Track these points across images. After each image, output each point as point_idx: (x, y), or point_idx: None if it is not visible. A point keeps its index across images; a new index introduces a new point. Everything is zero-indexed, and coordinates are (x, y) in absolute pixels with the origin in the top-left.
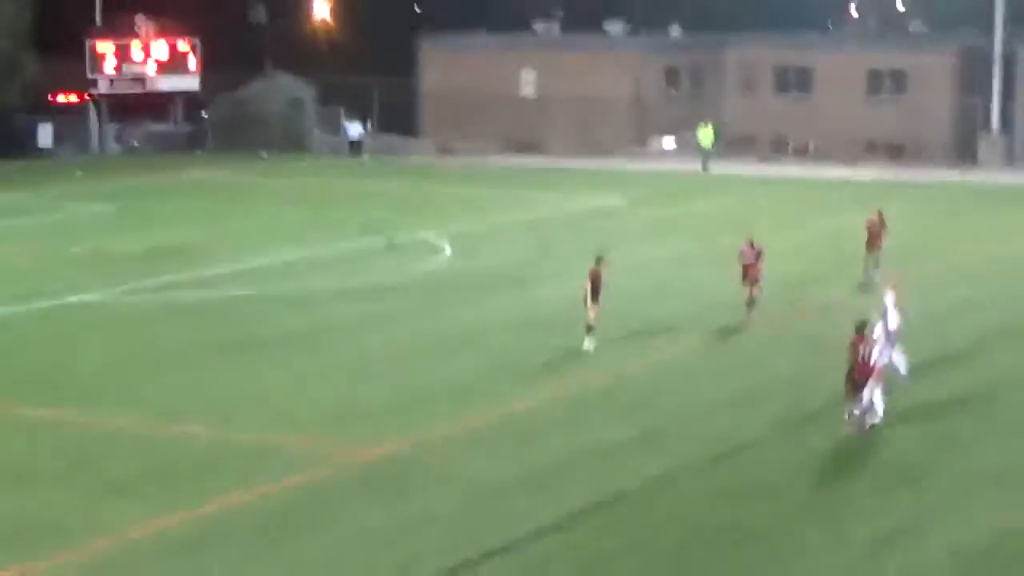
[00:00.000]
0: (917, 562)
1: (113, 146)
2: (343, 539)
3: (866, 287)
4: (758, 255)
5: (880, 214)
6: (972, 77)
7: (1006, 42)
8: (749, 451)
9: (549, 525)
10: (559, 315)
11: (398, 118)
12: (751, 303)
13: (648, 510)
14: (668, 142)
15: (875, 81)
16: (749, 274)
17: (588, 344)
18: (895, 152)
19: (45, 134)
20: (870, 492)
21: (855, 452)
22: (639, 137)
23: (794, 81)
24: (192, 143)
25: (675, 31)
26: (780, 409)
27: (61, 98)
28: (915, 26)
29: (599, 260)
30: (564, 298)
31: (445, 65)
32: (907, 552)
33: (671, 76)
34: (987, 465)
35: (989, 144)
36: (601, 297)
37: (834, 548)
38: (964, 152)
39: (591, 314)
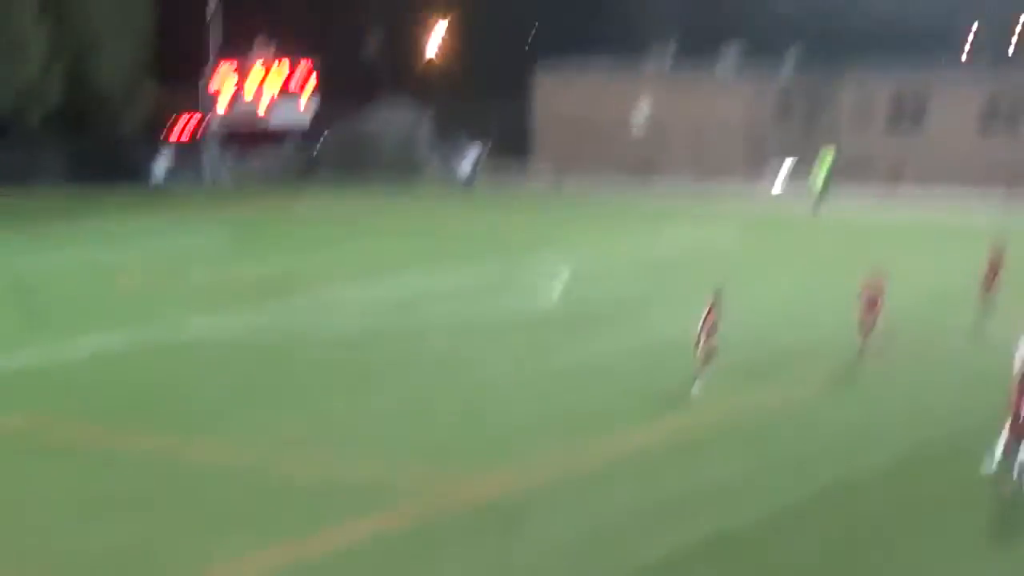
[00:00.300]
0: None
1: (228, 176)
2: (457, 573)
3: (982, 327)
4: (881, 290)
5: (999, 250)
6: None
7: None
8: (865, 494)
9: (661, 564)
10: (674, 348)
11: (513, 144)
12: (873, 339)
13: (760, 554)
14: (782, 172)
15: (992, 112)
16: (871, 310)
17: (698, 384)
18: (1013, 184)
19: (161, 164)
20: (988, 540)
21: (976, 498)
22: (753, 167)
23: (910, 112)
24: (306, 172)
25: (790, 60)
26: (899, 451)
27: (177, 128)
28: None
29: (716, 294)
30: (679, 331)
31: (560, 90)
32: None
33: (785, 105)
34: None
35: None
36: (717, 334)
37: None
38: None
39: (705, 351)
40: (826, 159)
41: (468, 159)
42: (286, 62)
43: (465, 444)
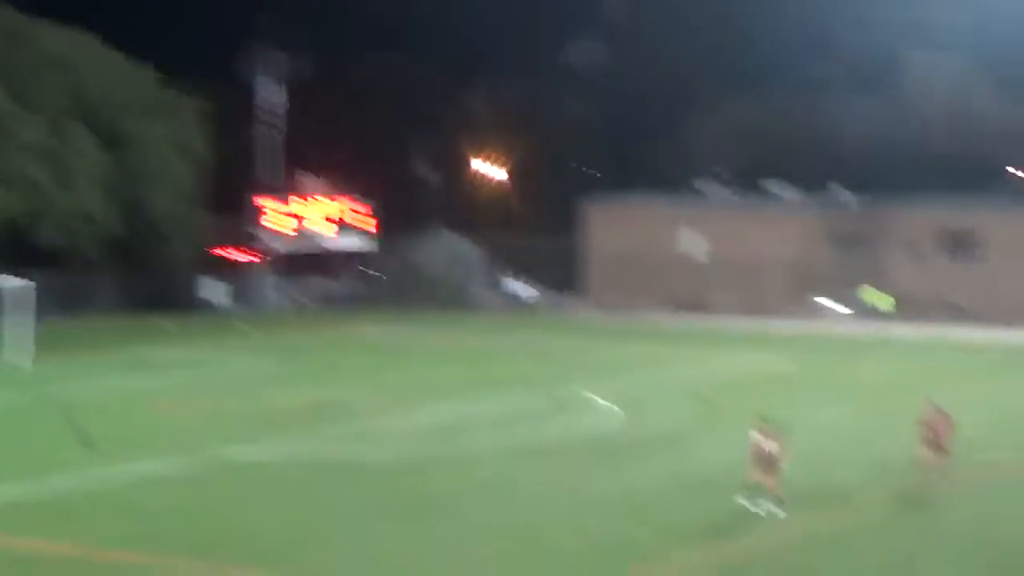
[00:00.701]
0: None
1: (283, 303)
2: None
3: None
4: (946, 422)
5: None
6: None
7: None
8: None
9: None
10: (724, 477)
11: (563, 277)
12: (936, 470)
13: None
14: (835, 305)
15: None
16: (935, 441)
17: (762, 508)
18: None
19: (215, 290)
20: None
21: None
22: (803, 298)
23: (962, 244)
24: (360, 301)
25: (840, 193)
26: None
27: (231, 255)
28: None
29: (763, 420)
30: (728, 460)
31: (609, 225)
32: None
33: (836, 238)
34: None
35: None
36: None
37: None
38: None
39: (771, 480)
40: (871, 292)
41: (520, 287)
42: (344, 198)
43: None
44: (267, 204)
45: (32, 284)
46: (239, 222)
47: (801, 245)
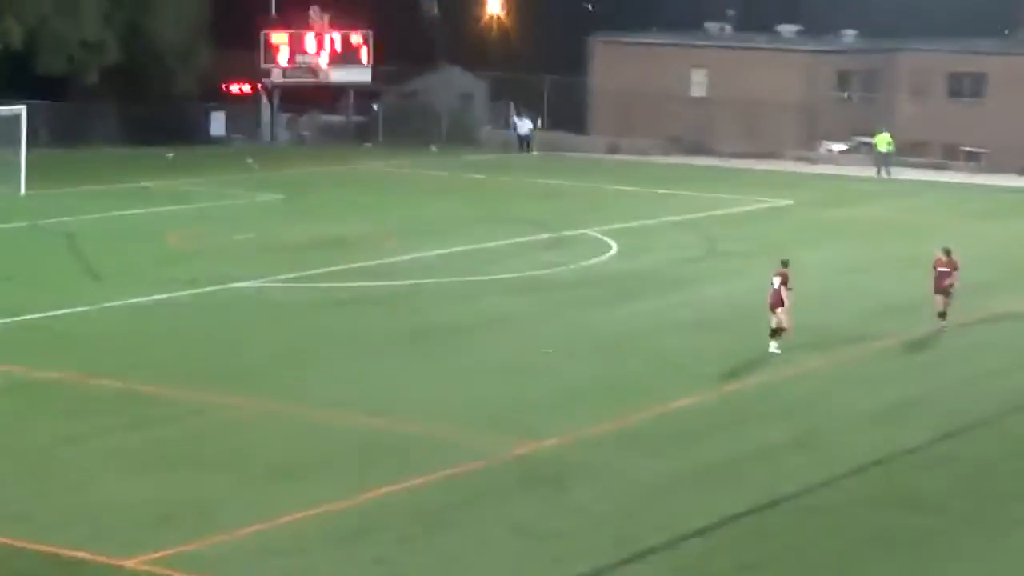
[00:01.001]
0: None
1: (284, 136)
2: (497, 533)
3: None
4: (954, 266)
5: None
6: None
7: None
8: (906, 459)
9: (705, 527)
10: (722, 315)
11: (567, 115)
12: (942, 314)
13: (805, 515)
14: (838, 146)
15: None
16: (942, 284)
17: (775, 347)
18: None
19: (218, 123)
20: None
21: (1017, 465)
22: (808, 140)
23: (967, 87)
24: (361, 135)
25: (847, 35)
26: (939, 419)
27: (235, 88)
28: None
29: (785, 263)
30: (728, 298)
31: (616, 63)
32: None
33: (842, 80)
34: None
35: None
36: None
37: (993, 558)
38: None
39: (784, 318)
40: (882, 136)
41: (524, 124)
42: (345, 22)
43: (511, 406)
44: (270, 35)
45: (21, 108)
46: (244, 54)
47: (806, 86)
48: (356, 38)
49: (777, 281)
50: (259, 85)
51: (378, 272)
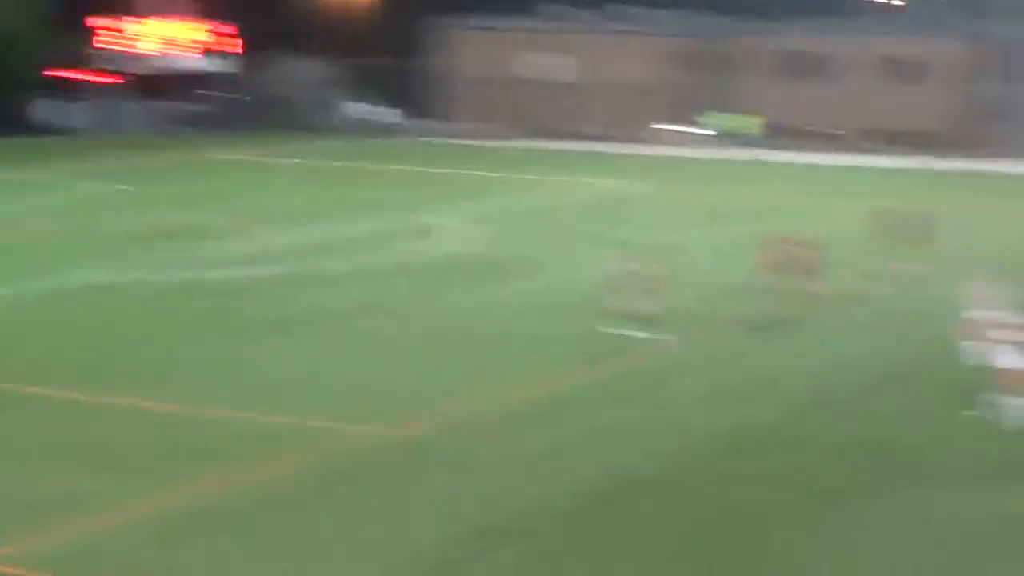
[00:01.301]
0: (932, 546)
1: (141, 125)
2: (358, 519)
3: (915, 280)
4: (811, 247)
5: (927, 207)
6: (986, 65)
7: (1011, 28)
8: (761, 437)
9: (562, 509)
10: (578, 298)
11: (429, 101)
12: (805, 296)
13: (660, 495)
14: (695, 128)
15: (893, 67)
16: (799, 266)
17: (646, 333)
18: (915, 139)
19: (71, 113)
20: (878, 477)
21: (869, 441)
22: (667, 122)
23: (824, 68)
24: (221, 123)
25: (703, 16)
26: (796, 396)
27: (82, 76)
28: (928, 11)
29: (644, 249)
30: (584, 281)
31: (475, 48)
32: (921, 535)
33: (699, 62)
34: (990, 455)
35: (996, 131)
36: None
37: (839, 531)
38: (971, 139)
39: (650, 302)
40: (742, 118)
41: (384, 111)
42: (206, 18)
43: (369, 392)
44: (125, 23)
45: None
46: (80, 42)
47: (667, 69)
48: (217, 27)
49: (638, 265)
50: (116, 75)
51: (239, 261)
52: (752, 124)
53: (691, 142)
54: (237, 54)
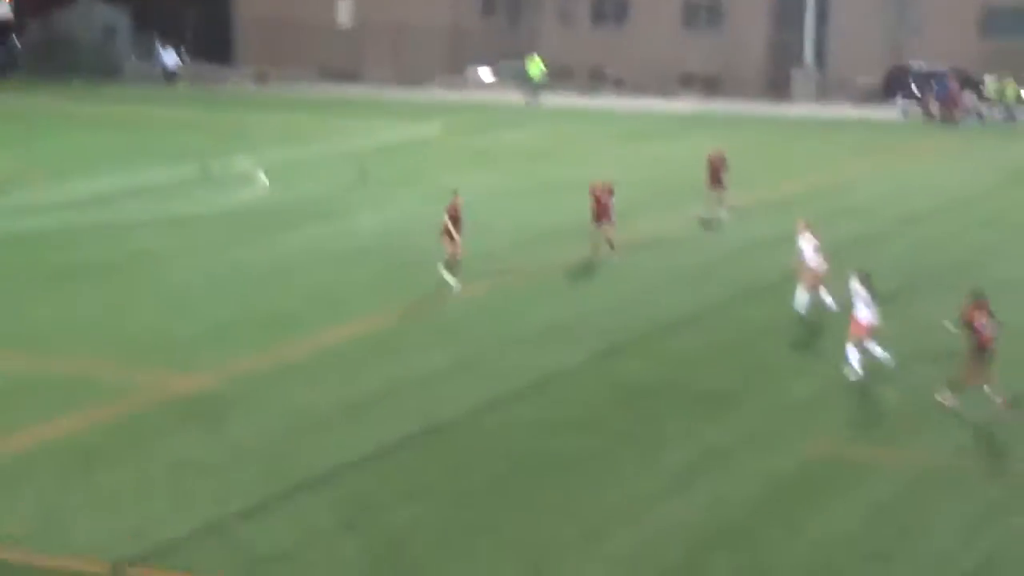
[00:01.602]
0: (728, 487)
1: None
2: (158, 470)
3: (708, 224)
4: (609, 192)
5: (721, 151)
6: (786, 11)
7: None
8: (565, 381)
9: (368, 455)
10: (376, 245)
11: (214, 46)
12: (608, 241)
13: (466, 439)
14: (485, 72)
15: (691, 13)
16: (600, 211)
17: (453, 281)
18: (710, 84)
19: None
20: (683, 419)
21: (670, 383)
22: (456, 67)
23: (611, 12)
24: (2, 70)
25: None
26: (594, 341)
27: None
28: None
29: (455, 193)
30: (381, 228)
31: None
32: (718, 478)
33: (488, 4)
34: (797, 394)
35: (802, 77)
36: (460, 232)
37: (649, 475)
38: (778, 85)
39: (452, 249)
40: (533, 61)
41: (169, 56)
42: None
43: (165, 342)
44: None
45: None
46: None
47: (453, 11)
48: None
49: (448, 213)
50: None
51: (22, 209)
52: (538, 68)
53: (483, 85)
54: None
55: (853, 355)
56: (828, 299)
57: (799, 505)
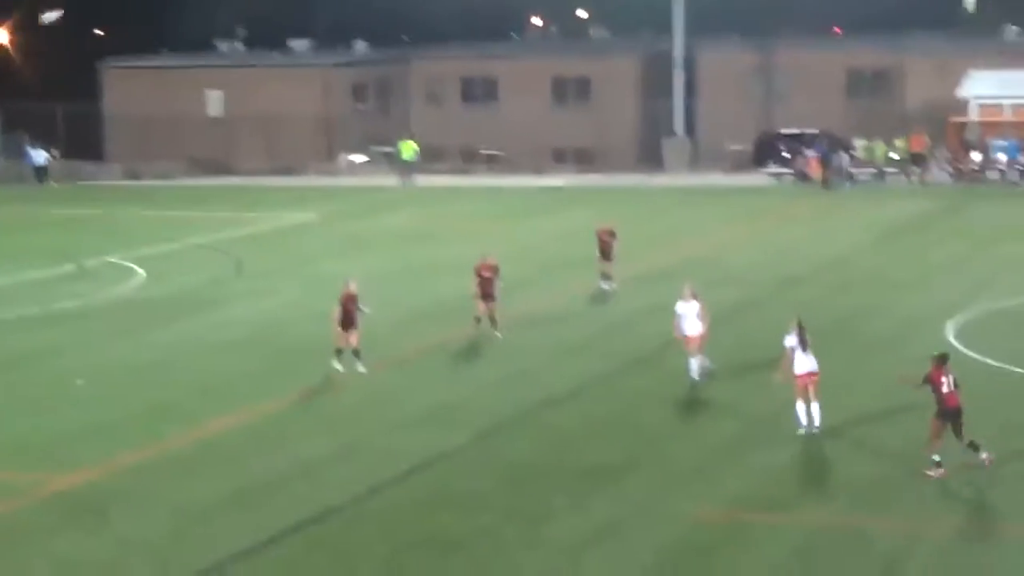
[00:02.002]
0: (619, 559)
1: None
2: (40, 569)
3: (605, 296)
4: (494, 270)
5: (609, 226)
6: (655, 82)
7: (686, 47)
8: (449, 462)
9: (256, 545)
10: (254, 335)
11: (84, 143)
12: (491, 319)
13: (355, 524)
14: (358, 157)
15: (560, 89)
16: (485, 290)
17: (361, 368)
18: (583, 158)
19: None
20: (570, 494)
21: (555, 459)
22: (328, 153)
23: (480, 92)
24: None
25: (360, 46)
26: (479, 420)
27: None
28: (597, 32)
29: (347, 284)
30: (260, 317)
31: (129, 88)
32: (609, 551)
33: (358, 91)
34: (684, 460)
35: (673, 148)
36: (359, 320)
37: (535, 551)
38: (649, 156)
39: (352, 339)
40: (406, 144)
41: (38, 154)
42: None
43: (44, 440)
44: None
45: None
46: None
47: (323, 100)
48: None
49: (342, 302)
50: None
51: None
52: (410, 150)
53: (355, 170)
54: None
55: (800, 409)
56: (706, 364)
57: (693, 573)
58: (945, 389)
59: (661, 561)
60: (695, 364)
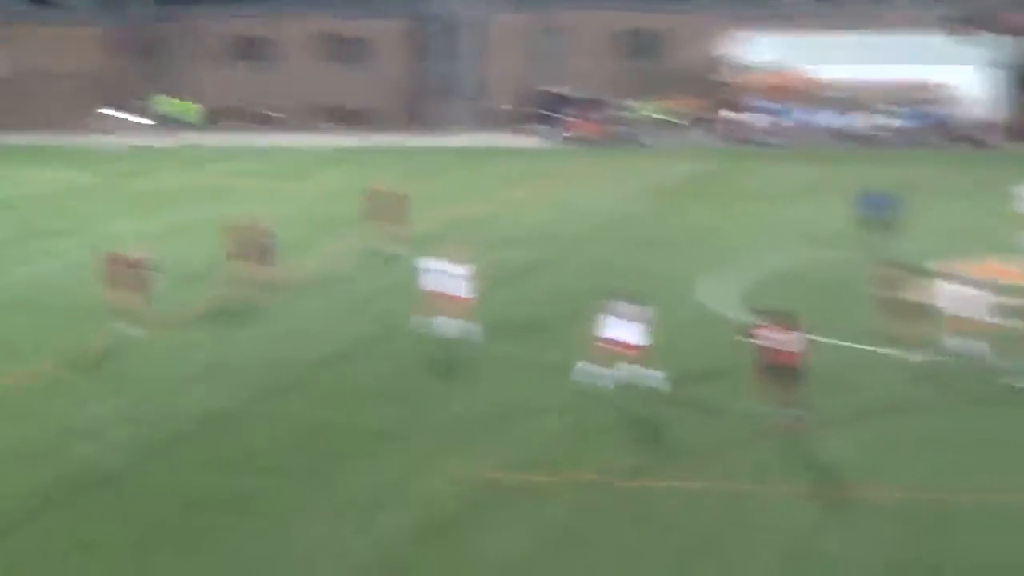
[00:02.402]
0: (401, 520)
1: None
2: None
3: (388, 259)
4: (265, 231)
5: (392, 187)
6: (429, 42)
7: (460, 7)
8: (233, 421)
9: (36, 508)
10: (32, 295)
11: None
12: (253, 280)
13: (143, 485)
14: (134, 117)
15: (334, 47)
16: (248, 251)
17: (135, 331)
18: (354, 117)
19: None
20: (355, 452)
21: (341, 418)
22: (100, 112)
23: (257, 50)
24: None
25: (139, 3)
26: (262, 380)
27: None
28: None
29: (125, 246)
30: (38, 277)
31: None
32: (394, 508)
33: (132, 49)
34: (464, 419)
35: (449, 108)
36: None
37: (327, 507)
38: (425, 117)
39: (132, 300)
40: (183, 102)
41: None
42: None
43: None
44: None
45: None
46: None
47: (95, 57)
48: None
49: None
50: None
51: None
52: (190, 110)
53: (133, 130)
54: None
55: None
56: (474, 328)
57: (463, 531)
58: (768, 345)
59: (432, 518)
60: (457, 326)
